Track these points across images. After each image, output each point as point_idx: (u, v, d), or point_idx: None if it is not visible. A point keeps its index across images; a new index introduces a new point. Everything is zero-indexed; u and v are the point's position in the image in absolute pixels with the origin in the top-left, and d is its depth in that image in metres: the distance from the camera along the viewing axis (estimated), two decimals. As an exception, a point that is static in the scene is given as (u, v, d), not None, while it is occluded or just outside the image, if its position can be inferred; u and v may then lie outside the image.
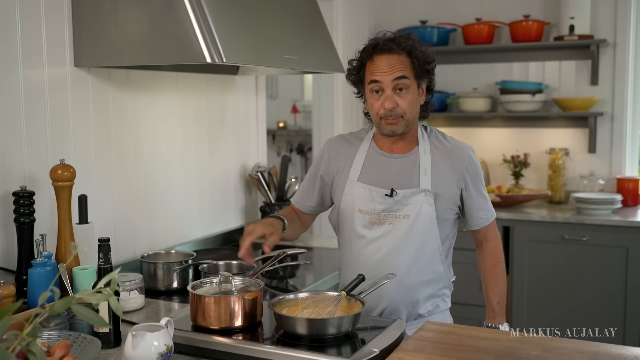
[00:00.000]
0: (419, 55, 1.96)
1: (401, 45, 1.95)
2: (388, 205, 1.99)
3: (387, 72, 1.94)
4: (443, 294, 2.09)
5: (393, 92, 1.95)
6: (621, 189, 4.08)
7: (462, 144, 2.08)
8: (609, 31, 4.13)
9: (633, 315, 3.65)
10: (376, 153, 2.07)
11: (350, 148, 2.12)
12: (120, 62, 2.19)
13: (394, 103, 1.94)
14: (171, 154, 2.72)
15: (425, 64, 1.97)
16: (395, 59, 1.95)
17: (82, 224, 2.14)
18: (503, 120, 4.48)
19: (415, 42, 1.98)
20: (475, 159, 2.07)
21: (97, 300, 1.29)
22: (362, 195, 2.03)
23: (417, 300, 2.02)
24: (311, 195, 2.19)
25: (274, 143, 5.69)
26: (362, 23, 4.45)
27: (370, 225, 2.01)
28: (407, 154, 2.04)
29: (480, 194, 2.07)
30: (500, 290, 2.11)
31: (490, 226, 2.12)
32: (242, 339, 1.70)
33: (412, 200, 1.98)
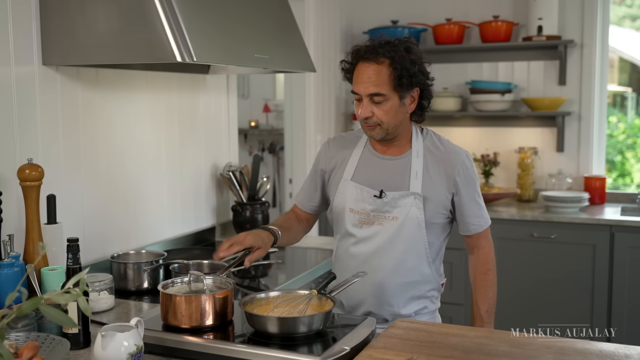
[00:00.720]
0: (401, 67, 1.90)
1: (382, 54, 1.90)
2: (377, 206, 2.01)
3: (363, 85, 1.93)
4: (431, 296, 2.09)
5: (370, 101, 1.94)
6: (588, 187, 4.16)
7: (456, 149, 2.06)
8: (576, 32, 4.20)
9: (600, 311, 3.71)
10: (370, 153, 2.08)
11: (347, 147, 2.13)
12: (89, 60, 2.17)
13: (369, 112, 1.94)
14: (141, 154, 2.70)
15: (407, 76, 1.91)
16: (373, 71, 1.91)
17: (50, 224, 2.11)
18: (473, 120, 4.53)
19: (404, 50, 1.92)
20: (470, 164, 2.04)
21: (65, 300, 1.28)
22: (354, 195, 2.04)
23: (401, 301, 2.03)
24: (314, 195, 2.20)
25: (245, 142, 5.67)
26: (334, 23, 4.46)
27: (359, 225, 2.03)
28: (399, 156, 2.04)
29: (472, 200, 2.05)
30: (490, 298, 2.10)
31: (483, 234, 2.10)
32: (213, 338, 1.69)
33: (400, 203, 1.99)
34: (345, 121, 4.70)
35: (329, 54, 4.42)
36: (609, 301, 3.70)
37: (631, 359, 1.49)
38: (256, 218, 3.17)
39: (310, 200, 2.22)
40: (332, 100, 4.50)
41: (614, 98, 6.24)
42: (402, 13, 4.55)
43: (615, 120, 5.99)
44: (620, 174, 5.57)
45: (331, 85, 4.48)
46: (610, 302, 3.70)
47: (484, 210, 2.09)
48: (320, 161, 2.18)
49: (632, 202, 4.17)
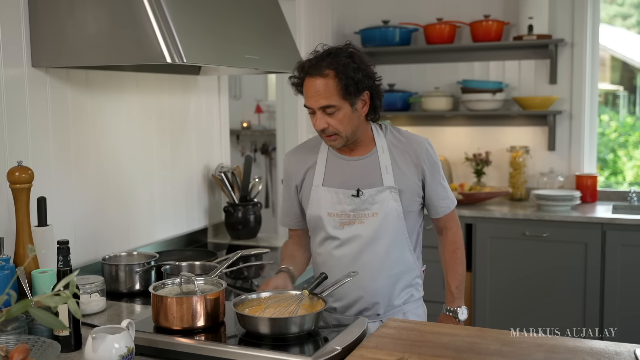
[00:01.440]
0: (345, 76, 1.92)
1: (326, 67, 1.93)
2: (356, 205, 2.04)
3: (313, 98, 1.97)
4: (416, 284, 2.16)
5: (323, 113, 1.97)
6: (580, 185, 4.17)
7: (417, 138, 2.12)
8: (566, 31, 4.21)
9: (592, 309, 3.72)
10: (336, 157, 2.11)
11: (308, 157, 2.15)
12: (79, 62, 2.17)
13: (325, 124, 1.98)
14: (132, 155, 2.69)
15: (353, 84, 1.94)
16: (320, 84, 1.94)
17: (41, 226, 2.10)
18: (465, 119, 4.53)
19: (346, 58, 1.94)
20: (432, 150, 2.11)
21: (55, 303, 1.28)
22: (329, 199, 2.07)
23: (393, 293, 2.09)
24: (296, 211, 2.21)
25: (238, 143, 5.67)
26: (325, 23, 4.46)
27: (341, 227, 2.06)
28: (366, 155, 2.08)
29: (439, 184, 2.12)
30: (459, 275, 2.17)
31: (450, 214, 2.18)
32: (204, 339, 1.69)
33: (378, 198, 2.03)
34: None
35: (320, 54, 4.41)
36: (601, 299, 3.71)
37: (621, 356, 1.50)
38: (248, 219, 3.17)
39: (294, 217, 2.23)
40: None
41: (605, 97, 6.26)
42: (393, 13, 4.56)
43: (607, 119, 6.01)
44: (613, 172, 5.59)
45: (323, 85, 4.47)
46: (602, 300, 3.71)
47: (449, 191, 2.17)
48: (289, 177, 2.19)
49: (623, 200, 4.18)
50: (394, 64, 4.59)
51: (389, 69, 4.62)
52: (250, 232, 3.20)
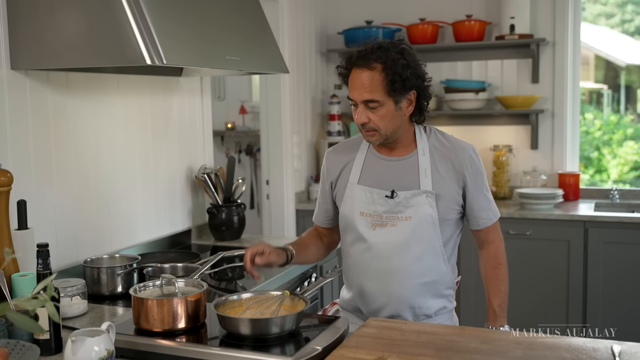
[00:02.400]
0: (393, 72, 1.87)
1: (375, 60, 1.88)
2: (389, 207, 1.98)
3: (357, 91, 1.91)
4: (449, 294, 2.08)
5: (365, 107, 1.92)
6: (562, 183, 4.20)
7: (462, 144, 2.04)
8: (548, 30, 4.24)
9: (575, 306, 3.75)
10: (375, 157, 2.05)
11: (348, 154, 2.10)
12: (58, 64, 2.15)
13: (365, 118, 1.92)
14: (115, 157, 2.68)
15: (400, 81, 1.88)
16: (366, 77, 1.89)
17: (21, 229, 2.09)
18: (448, 119, 4.55)
19: (397, 54, 1.89)
20: (476, 158, 2.03)
21: (32, 306, 1.27)
22: (363, 198, 2.02)
23: (423, 302, 2.01)
24: (327, 209, 2.17)
25: (222, 144, 5.66)
26: (308, 23, 4.47)
27: (372, 227, 1.99)
28: (406, 156, 2.01)
29: (481, 194, 2.03)
30: (502, 292, 2.09)
31: (492, 227, 2.09)
32: (185, 341, 1.69)
33: (413, 202, 1.97)
34: (322, 122, 4.71)
35: (303, 55, 4.42)
36: (583, 296, 3.74)
37: (598, 352, 1.52)
38: (232, 220, 3.17)
39: (325, 215, 2.19)
40: (307, 100, 4.51)
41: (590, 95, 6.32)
42: (376, 13, 4.57)
43: (591, 117, 6.06)
44: (597, 170, 5.64)
45: (307, 85, 4.48)
46: (585, 297, 3.74)
47: (492, 203, 2.08)
48: (325, 174, 2.15)
49: (605, 198, 4.22)
50: (377, 64, 4.59)
51: (373, 69, 4.62)
52: (234, 233, 3.19)
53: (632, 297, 3.66)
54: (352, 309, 2.09)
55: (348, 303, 2.11)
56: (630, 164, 5.62)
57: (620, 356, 1.49)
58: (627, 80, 6.40)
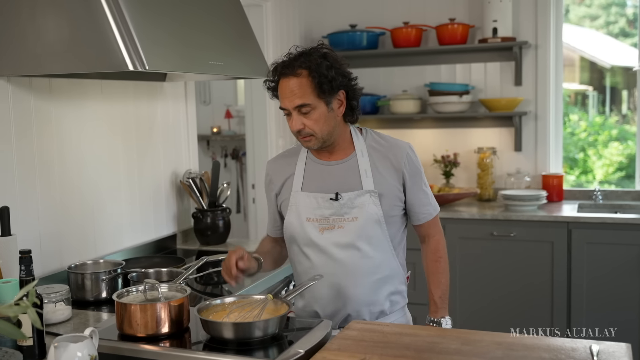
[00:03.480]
0: (319, 74, 1.93)
1: (299, 66, 1.94)
2: (335, 210, 2.02)
3: (288, 99, 1.96)
4: (402, 290, 2.14)
5: (298, 114, 1.97)
6: (546, 185, 4.24)
7: (399, 142, 2.11)
8: (530, 33, 4.28)
9: (559, 306, 3.78)
10: (315, 163, 2.10)
11: (288, 163, 2.14)
12: (40, 70, 2.15)
13: (301, 124, 1.97)
14: (98, 162, 2.68)
15: (327, 82, 1.95)
16: (294, 84, 1.95)
17: (4, 236, 2.09)
18: (432, 121, 4.58)
19: (319, 57, 1.96)
20: (414, 155, 2.09)
21: (14, 312, 1.27)
22: (308, 204, 2.05)
23: (377, 299, 2.06)
24: (277, 219, 2.21)
25: (208, 149, 5.66)
26: (293, 28, 4.48)
27: (320, 232, 2.03)
28: (345, 159, 2.07)
29: (420, 190, 2.10)
30: (442, 284, 2.15)
31: (433, 221, 2.15)
32: (169, 345, 1.70)
33: (357, 202, 2.01)
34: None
35: (288, 59, 4.43)
36: (568, 296, 3.77)
37: (577, 352, 1.54)
38: (217, 224, 3.18)
39: (274, 224, 2.23)
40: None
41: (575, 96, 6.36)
42: (360, 17, 4.59)
43: (576, 119, 6.11)
44: (583, 171, 5.68)
45: (292, 90, 4.49)
46: (569, 298, 3.77)
47: (431, 198, 2.14)
48: (268, 185, 2.19)
49: (589, 199, 4.26)
50: (361, 68, 4.63)
51: (357, 72, 4.54)
52: (220, 238, 3.20)
53: (615, 298, 3.70)
54: (308, 314, 2.11)
55: (303, 310, 2.13)
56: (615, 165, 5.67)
57: (599, 356, 1.52)
58: (612, 82, 6.44)
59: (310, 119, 1.96)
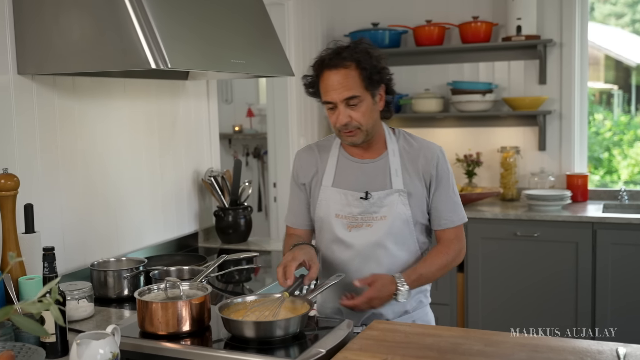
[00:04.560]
0: (368, 66, 1.93)
1: (347, 58, 1.93)
2: (364, 208, 2.02)
3: (336, 91, 1.93)
4: (425, 290, 2.12)
5: (346, 107, 1.94)
6: (570, 185, 4.18)
7: (430, 145, 2.07)
8: (555, 31, 4.23)
9: (583, 308, 3.73)
10: (347, 159, 2.09)
11: (319, 156, 2.13)
12: (64, 69, 2.17)
13: (347, 117, 1.95)
14: (121, 160, 2.70)
15: (376, 73, 1.95)
16: (343, 75, 1.92)
17: (28, 233, 2.11)
18: (455, 120, 4.55)
19: (364, 50, 1.95)
20: (444, 159, 2.06)
21: (36, 309, 1.28)
22: (338, 200, 2.05)
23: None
24: (303, 210, 2.17)
25: (230, 147, 5.67)
26: (315, 26, 4.47)
27: (348, 229, 2.03)
28: (377, 158, 2.06)
29: (447, 195, 2.05)
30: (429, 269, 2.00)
31: (454, 230, 2.07)
32: (190, 343, 1.70)
33: (387, 202, 2.00)
34: (328, 124, 4.69)
35: (310, 57, 4.39)
36: (592, 298, 3.72)
37: (603, 354, 1.51)
38: (239, 223, 3.18)
39: (301, 216, 2.18)
40: (314, 103, 4.49)
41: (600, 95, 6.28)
42: (382, 15, 4.57)
43: (601, 118, 6.03)
44: (608, 171, 5.61)
45: (313, 88, 4.48)
46: (594, 299, 3.72)
47: (458, 207, 2.09)
48: (298, 175, 2.16)
49: (614, 199, 4.19)
50: (384, 66, 4.59)
51: (380, 71, 4.62)
52: (241, 236, 3.20)
53: (641, 299, 3.64)
54: (331, 310, 2.10)
55: (325, 306, 2.13)
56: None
57: (626, 358, 1.49)
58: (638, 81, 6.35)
59: (357, 112, 1.95)
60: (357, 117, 1.95)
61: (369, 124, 1.98)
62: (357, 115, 1.95)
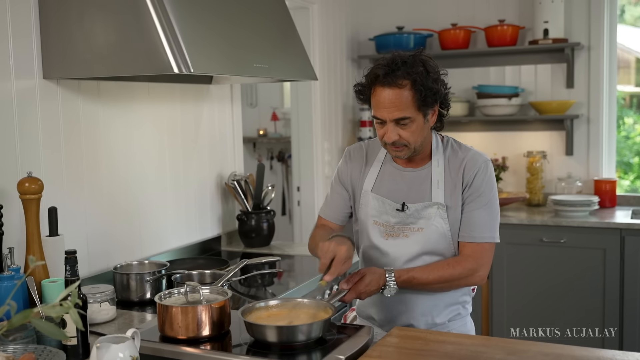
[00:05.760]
0: (423, 87, 1.84)
1: (402, 77, 1.84)
2: (401, 219, 1.99)
3: (387, 110, 1.86)
4: (463, 301, 2.06)
5: (395, 125, 1.88)
6: (598, 190, 4.11)
7: (475, 155, 1.98)
8: (582, 34, 4.17)
9: (611, 316, 3.67)
10: (390, 165, 2.05)
11: (367, 157, 2.10)
12: (88, 73, 2.19)
13: (396, 136, 1.89)
14: (145, 164, 2.71)
15: (431, 95, 1.86)
16: (396, 95, 1.84)
17: (52, 236, 2.13)
18: (481, 125, 4.50)
19: (421, 68, 1.85)
20: (484, 172, 1.95)
21: (56, 313, 1.29)
22: (376, 207, 2.02)
23: (434, 309, 2.00)
24: (342, 205, 2.13)
25: (254, 151, 5.69)
26: (339, 30, 4.47)
27: (385, 237, 2.00)
28: (421, 168, 2.01)
29: (478, 210, 1.95)
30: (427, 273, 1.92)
31: (472, 246, 1.95)
32: (210, 348, 1.70)
33: (424, 214, 1.96)
34: (353, 128, 4.69)
35: (334, 61, 4.42)
36: (620, 305, 3.65)
37: (629, 365, 1.48)
38: (262, 226, 3.18)
39: (337, 211, 2.14)
40: (338, 107, 4.50)
41: (630, 99, 6.17)
42: (407, 19, 4.55)
43: (631, 122, 5.93)
44: (638, 176, 5.51)
45: (337, 92, 4.48)
46: (621, 306, 3.65)
47: (486, 224, 1.96)
48: (343, 172, 2.13)
49: (643, 205, 4.12)
50: (409, 70, 4.56)
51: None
52: (264, 240, 3.20)
53: (670, 307, 3.57)
54: (366, 316, 2.10)
55: (362, 310, 2.12)
56: (672, 170, 5.48)
57: (652, 369, 1.45)
58: (669, 84, 6.23)
59: (407, 131, 1.88)
60: (406, 136, 1.89)
61: (417, 142, 1.92)
62: (406, 135, 1.89)
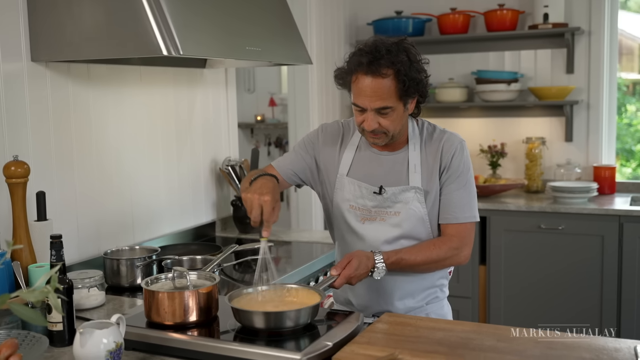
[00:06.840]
0: (406, 77, 1.81)
1: (386, 65, 1.81)
2: (378, 202, 1.97)
3: (369, 98, 1.84)
4: (440, 284, 2.06)
5: (375, 114, 1.86)
6: (598, 177, 4.08)
7: (451, 137, 1.98)
8: (583, 19, 4.12)
9: (609, 302, 3.65)
10: (367, 149, 2.02)
11: (343, 138, 2.07)
12: (77, 56, 2.16)
13: (376, 124, 1.87)
14: (137, 149, 2.68)
15: (414, 85, 1.84)
16: (378, 85, 1.82)
17: (40, 220, 2.10)
18: (479, 110, 4.46)
19: (405, 57, 1.82)
20: (461, 153, 1.95)
21: (34, 298, 1.26)
22: (352, 191, 2.00)
23: (413, 292, 2.01)
24: (296, 168, 2.08)
25: (252, 137, 5.65)
26: (337, 14, 4.42)
27: (362, 221, 1.99)
28: (397, 151, 1.99)
29: (458, 190, 1.95)
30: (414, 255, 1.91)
31: (459, 228, 1.95)
32: (197, 334, 1.67)
33: (401, 198, 1.95)
34: (350, 113, 4.65)
35: (332, 46, 4.37)
36: (618, 292, 3.63)
37: (620, 352, 1.45)
38: (256, 212, 3.15)
39: (289, 170, 2.08)
40: (335, 92, 4.46)
41: (633, 86, 6.13)
42: (406, 3, 4.49)
43: (634, 109, 5.89)
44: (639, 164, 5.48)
45: (335, 77, 4.43)
46: (619, 293, 3.63)
47: (468, 204, 1.96)
48: (314, 142, 2.09)
49: (643, 192, 4.09)
50: (407, 55, 4.52)
51: (403, 60, 4.55)
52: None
53: (669, 295, 3.54)
54: (343, 301, 2.08)
55: (340, 295, 2.11)
56: (674, 158, 5.44)
57: (644, 357, 1.43)
58: (673, 72, 6.18)
59: (387, 119, 1.87)
60: (386, 124, 1.88)
61: (396, 130, 1.91)
62: (386, 123, 1.87)
